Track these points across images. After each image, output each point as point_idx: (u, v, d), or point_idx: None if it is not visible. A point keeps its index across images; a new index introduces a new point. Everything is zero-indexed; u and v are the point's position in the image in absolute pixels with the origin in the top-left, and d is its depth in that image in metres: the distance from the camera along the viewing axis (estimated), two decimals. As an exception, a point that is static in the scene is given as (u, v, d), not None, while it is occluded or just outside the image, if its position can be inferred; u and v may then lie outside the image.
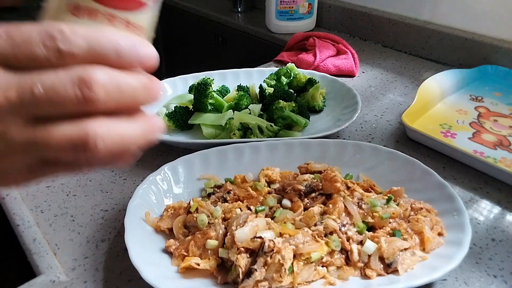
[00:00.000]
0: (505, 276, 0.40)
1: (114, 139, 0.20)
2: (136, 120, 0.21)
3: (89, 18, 0.20)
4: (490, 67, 0.78)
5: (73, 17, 0.20)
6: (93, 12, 0.20)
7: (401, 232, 0.41)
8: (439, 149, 0.58)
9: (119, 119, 0.20)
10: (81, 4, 0.20)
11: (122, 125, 0.20)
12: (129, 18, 0.21)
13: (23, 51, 0.18)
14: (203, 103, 0.62)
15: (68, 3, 0.20)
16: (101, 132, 0.19)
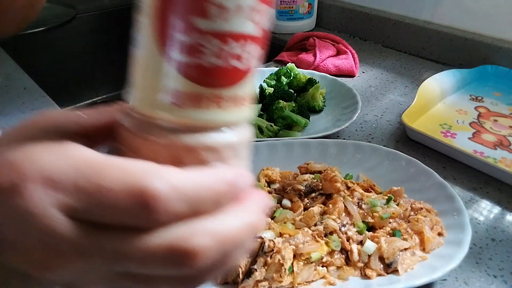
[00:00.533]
0: (505, 276, 0.40)
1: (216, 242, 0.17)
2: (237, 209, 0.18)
3: (193, 106, 0.18)
4: (490, 67, 0.78)
5: (174, 108, 0.18)
6: (197, 98, 0.18)
7: (401, 232, 0.41)
8: (439, 149, 0.58)
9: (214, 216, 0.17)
10: (183, 91, 0.18)
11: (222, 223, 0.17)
12: (237, 92, 0.19)
13: (107, 214, 0.16)
14: (203, 103, 0.62)
15: (163, 90, 0.18)
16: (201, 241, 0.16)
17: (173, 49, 0.17)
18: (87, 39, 1.29)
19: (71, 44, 1.26)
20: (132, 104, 0.19)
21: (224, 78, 0.18)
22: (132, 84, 0.19)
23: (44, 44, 1.20)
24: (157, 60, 0.18)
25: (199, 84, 0.18)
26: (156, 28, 0.18)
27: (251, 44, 0.18)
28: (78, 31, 1.26)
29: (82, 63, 1.30)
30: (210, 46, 0.17)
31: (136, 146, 0.19)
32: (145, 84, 0.18)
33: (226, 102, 0.18)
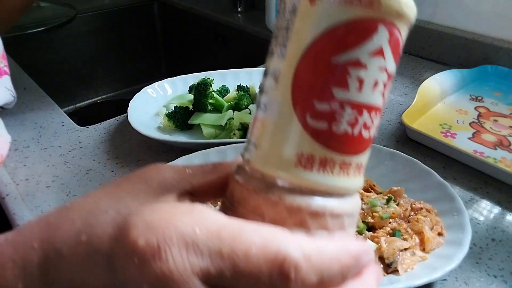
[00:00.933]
0: (505, 276, 0.40)
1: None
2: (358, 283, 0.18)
3: (320, 170, 0.19)
4: (490, 67, 0.78)
5: (300, 168, 0.18)
6: (325, 162, 0.19)
7: (401, 232, 0.41)
8: (439, 149, 0.58)
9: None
10: (312, 154, 0.18)
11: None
12: (361, 160, 0.20)
13: (243, 282, 0.16)
14: (203, 103, 0.62)
15: (296, 154, 0.18)
16: None
17: (308, 114, 0.18)
18: (87, 39, 1.29)
19: (71, 44, 1.26)
20: (253, 162, 0.20)
21: (354, 146, 0.19)
22: (254, 143, 0.20)
23: (44, 44, 1.20)
24: (290, 123, 0.19)
25: (330, 149, 0.19)
26: (293, 92, 0.19)
27: (378, 115, 0.20)
28: (78, 31, 1.26)
29: (82, 63, 1.30)
30: (346, 115, 0.18)
31: (253, 205, 0.19)
32: (271, 144, 0.19)
33: (352, 169, 0.19)
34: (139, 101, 0.64)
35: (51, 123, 0.66)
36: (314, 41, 0.18)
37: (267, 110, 0.19)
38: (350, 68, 0.18)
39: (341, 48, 0.18)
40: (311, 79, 0.18)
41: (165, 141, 0.59)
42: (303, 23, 0.18)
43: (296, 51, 0.18)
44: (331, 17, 0.18)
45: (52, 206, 0.49)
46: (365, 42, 0.18)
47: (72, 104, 1.30)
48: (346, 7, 0.18)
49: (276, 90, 0.19)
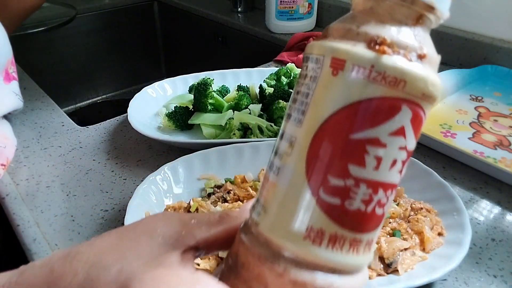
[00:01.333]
0: (505, 276, 0.40)
1: None
2: None
3: (329, 246, 0.18)
4: (490, 67, 0.78)
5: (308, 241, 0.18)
6: (335, 239, 0.18)
7: (401, 232, 0.41)
8: (439, 149, 0.58)
9: None
10: (322, 229, 0.18)
11: None
12: (373, 237, 0.19)
13: None
14: (203, 103, 0.62)
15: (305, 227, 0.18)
16: None
17: (322, 188, 0.18)
18: (87, 39, 1.29)
19: (71, 44, 1.26)
20: (260, 226, 0.19)
21: (366, 224, 0.19)
22: (263, 205, 0.20)
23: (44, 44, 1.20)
24: (302, 194, 0.18)
25: (341, 226, 0.18)
26: (307, 163, 0.18)
27: (394, 192, 0.20)
28: (78, 31, 1.26)
29: (82, 63, 1.30)
30: (361, 193, 0.18)
31: (257, 273, 0.19)
32: (280, 212, 0.19)
33: (362, 246, 0.19)
34: (139, 101, 0.64)
35: (51, 123, 0.66)
36: (333, 115, 0.17)
37: (279, 175, 0.19)
38: (368, 147, 0.17)
39: (361, 126, 0.17)
40: (327, 153, 0.18)
41: (165, 141, 0.59)
42: (323, 93, 0.18)
43: (314, 122, 0.18)
44: (353, 93, 0.17)
45: (52, 206, 0.49)
46: (387, 121, 0.17)
47: (72, 104, 1.30)
48: (369, 84, 0.17)
49: (290, 157, 0.19)
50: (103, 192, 0.51)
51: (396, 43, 0.17)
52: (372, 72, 0.17)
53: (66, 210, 0.48)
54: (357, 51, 0.17)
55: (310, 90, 0.18)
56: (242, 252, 0.20)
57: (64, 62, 1.25)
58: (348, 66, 0.17)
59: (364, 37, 0.18)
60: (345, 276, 0.19)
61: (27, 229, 0.45)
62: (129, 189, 0.51)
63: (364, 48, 0.17)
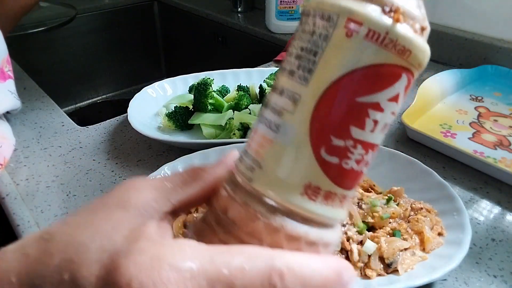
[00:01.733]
0: (505, 276, 0.40)
1: None
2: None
3: (323, 202, 0.19)
4: (490, 67, 0.78)
5: (305, 197, 0.19)
6: (329, 196, 0.19)
7: (401, 232, 0.41)
8: (439, 149, 0.58)
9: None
10: (318, 186, 0.19)
11: None
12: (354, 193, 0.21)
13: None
14: (203, 103, 0.62)
15: (303, 183, 0.19)
16: None
17: (324, 148, 0.18)
18: (87, 39, 1.29)
19: (71, 44, 1.26)
20: (255, 182, 0.19)
21: (354, 181, 0.20)
22: (258, 162, 0.20)
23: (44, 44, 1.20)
24: (303, 153, 0.19)
25: (336, 184, 0.19)
26: (311, 123, 0.18)
27: (376, 152, 0.21)
28: (78, 31, 1.26)
29: (82, 63, 1.30)
30: (356, 153, 0.19)
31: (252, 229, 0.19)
32: (279, 169, 0.19)
33: (346, 202, 0.20)
34: (139, 101, 0.64)
35: (51, 123, 0.66)
36: (342, 77, 0.18)
37: (278, 132, 0.19)
38: (370, 110, 0.18)
39: (367, 90, 0.18)
40: (332, 114, 0.18)
41: (165, 141, 0.59)
42: (335, 54, 0.18)
43: (322, 82, 0.18)
44: (364, 56, 0.18)
45: (52, 206, 0.49)
46: (389, 87, 0.18)
47: (72, 104, 1.30)
48: (381, 49, 0.18)
49: (293, 115, 0.19)
50: (103, 192, 0.51)
51: (407, 13, 0.18)
52: (386, 38, 0.18)
53: (66, 210, 0.48)
54: (375, 16, 0.17)
55: (319, 48, 0.18)
56: (233, 209, 0.20)
57: (64, 62, 1.25)
58: (364, 30, 0.18)
59: (380, 2, 0.18)
60: (329, 230, 0.20)
61: (27, 229, 0.45)
62: (129, 189, 0.51)
63: (380, 13, 0.18)
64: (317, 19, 0.19)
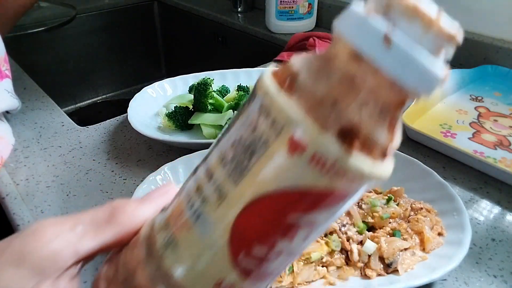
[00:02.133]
0: (505, 276, 0.40)
1: None
2: None
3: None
4: (490, 67, 0.78)
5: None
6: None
7: (401, 232, 0.41)
8: (439, 149, 0.58)
9: None
10: (235, 285, 0.18)
11: None
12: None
13: None
14: (203, 103, 0.62)
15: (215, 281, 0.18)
16: None
17: (243, 252, 0.17)
18: (87, 39, 1.29)
19: (71, 44, 1.26)
20: (167, 262, 0.19)
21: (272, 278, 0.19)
22: (175, 242, 0.18)
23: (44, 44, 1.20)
24: (220, 252, 0.17)
25: (253, 282, 0.18)
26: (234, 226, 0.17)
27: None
28: (78, 31, 1.26)
29: (82, 63, 1.30)
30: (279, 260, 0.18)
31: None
32: (192, 261, 0.18)
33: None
34: (139, 101, 0.64)
35: (51, 123, 0.66)
36: (275, 192, 0.16)
37: (198, 221, 0.18)
38: (302, 228, 0.17)
39: (302, 211, 0.16)
40: (258, 225, 0.17)
41: (165, 141, 0.59)
42: (271, 166, 0.16)
43: (254, 190, 0.16)
44: (304, 179, 0.15)
45: (52, 206, 0.49)
46: (329, 209, 0.17)
47: (72, 104, 1.30)
48: (324, 177, 0.15)
49: (215, 212, 0.17)
50: (103, 192, 0.51)
51: (369, 138, 0.15)
52: (333, 168, 0.15)
53: (66, 210, 0.48)
54: (323, 142, 0.15)
55: (256, 151, 0.16)
56: (139, 278, 0.19)
57: (64, 62, 1.25)
58: (309, 154, 0.15)
59: (336, 120, 0.15)
60: None
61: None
62: (129, 189, 0.51)
63: (332, 137, 0.15)
64: (262, 114, 0.16)
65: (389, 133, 0.16)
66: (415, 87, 0.15)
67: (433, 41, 0.15)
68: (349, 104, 0.15)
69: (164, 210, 0.20)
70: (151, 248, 0.19)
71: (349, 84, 0.15)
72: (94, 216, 0.20)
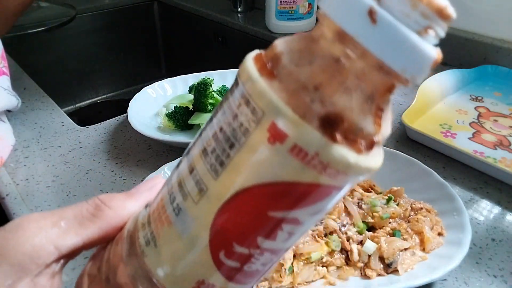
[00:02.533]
0: (505, 276, 0.40)
1: None
2: None
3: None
4: (490, 67, 0.78)
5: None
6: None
7: (401, 232, 0.41)
8: (439, 149, 0.58)
9: None
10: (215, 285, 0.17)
11: None
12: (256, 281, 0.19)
13: None
14: (203, 103, 0.62)
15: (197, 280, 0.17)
16: None
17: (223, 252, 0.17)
18: (87, 39, 1.29)
19: (71, 44, 1.26)
20: (148, 259, 0.18)
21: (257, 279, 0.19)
22: (154, 240, 0.18)
23: (44, 44, 1.20)
24: (200, 251, 0.17)
25: (234, 283, 0.18)
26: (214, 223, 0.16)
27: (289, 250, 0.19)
28: (78, 31, 1.26)
29: (82, 63, 1.30)
30: (263, 259, 0.17)
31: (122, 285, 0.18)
32: (172, 258, 0.18)
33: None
34: (139, 101, 0.64)
35: (51, 123, 0.66)
36: (256, 186, 0.15)
37: (178, 217, 0.17)
38: (285, 225, 0.16)
39: (284, 206, 0.15)
40: (238, 221, 0.16)
41: (165, 141, 0.59)
42: (252, 157, 0.15)
43: (232, 185, 0.15)
44: (285, 172, 0.15)
45: (52, 206, 0.49)
46: (313, 205, 0.15)
47: (72, 104, 1.30)
48: (306, 169, 0.14)
49: (196, 207, 0.16)
50: (103, 192, 0.51)
51: (353, 128, 0.14)
52: (315, 159, 0.14)
53: (66, 210, 0.48)
54: (305, 131, 0.14)
55: (236, 141, 0.15)
56: (120, 275, 0.18)
57: (64, 62, 1.25)
58: (289, 143, 0.14)
59: (318, 107, 0.14)
60: None
61: (27, 229, 0.45)
62: (129, 189, 0.51)
63: (314, 126, 0.14)
64: (243, 102, 0.15)
65: (376, 122, 0.15)
66: (404, 68, 0.14)
67: (422, 16, 0.14)
68: (333, 89, 0.14)
69: (148, 206, 0.20)
70: (133, 245, 0.19)
71: (333, 67, 0.14)
72: (78, 211, 0.20)
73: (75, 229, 0.19)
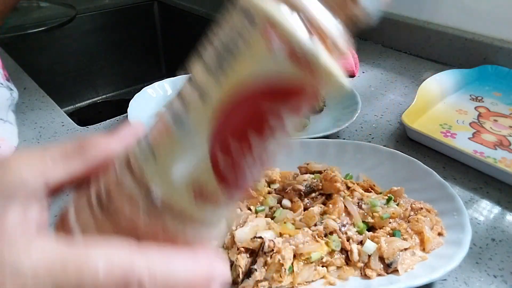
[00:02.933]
0: (505, 276, 0.40)
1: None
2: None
3: (209, 203, 0.19)
4: (490, 67, 0.78)
5: (191, 198, 0.19)
6: (217, 198, 0.19)
7: (401, 232, 0.41)
8: (439, 149, 0.58)
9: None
10: (209, 188, 0.19)
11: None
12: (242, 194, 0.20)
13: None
14: (203, 103, 0.62)
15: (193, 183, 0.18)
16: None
17: (220, 150, 0.18)
18: (87, 39, 1.29)
19: (71, 44, 1.26)
20: (147, 172, 0.19)
21: (243, 184, 0.20)
22: (152, 151, 0.19)
23: (44, 44, 1.20)
24: (200, 154, 0.18)
25: (225, 186, 0.19)
26: (214, 125, 0.18)
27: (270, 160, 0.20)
28: (78, 31, 1.26)
29: (82, 63, 1.30)
30: (248, 160, 0.19)
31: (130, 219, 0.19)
32: (171, 165, 0.18)
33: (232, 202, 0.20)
34: (139, 101, 0.64)
35: (51, 123, 0.66)
36: (253, 84, 0.17)
37: (180, 124, 0.18)
38: (271, 120, 0.18)
39: (275, 102, 0.17)
40: (235, 118, 0.18)
41: (165, 141, 0.59)
42: (249, 59, 0.17)
43: (232, 85, 0.17)
44: (279, 70, 0.17)
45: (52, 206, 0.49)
46: (295, 103, 0.18)
47: (72, 104, 1.30)
48: (296, 69, 0.17)
49: (197, 112, 0.18)
50: (103, 192, 0.51)
51: (333, 40, 0.18)
52: (305, 60, 0.17)
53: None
54: (300, 38, 0.16)
55: (234, 47, 0.17)
56: (117, 196, 0.19)
57: (64, 62, 1.25)
58: (284, 46, 0.16)
59: (306, 17, 0.17)
60: (210, 227, 0.20)
61: (27, 229, 0.45)
62: (129, 189, 0.51)
63: (306, 34, 0.16)
64: (241, 13, 0.18)
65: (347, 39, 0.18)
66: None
67: None
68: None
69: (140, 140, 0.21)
70: (127, 164, 0.19)
71: None
72: (63, 148, 0.20)
73: (61, 164, 0.20)
